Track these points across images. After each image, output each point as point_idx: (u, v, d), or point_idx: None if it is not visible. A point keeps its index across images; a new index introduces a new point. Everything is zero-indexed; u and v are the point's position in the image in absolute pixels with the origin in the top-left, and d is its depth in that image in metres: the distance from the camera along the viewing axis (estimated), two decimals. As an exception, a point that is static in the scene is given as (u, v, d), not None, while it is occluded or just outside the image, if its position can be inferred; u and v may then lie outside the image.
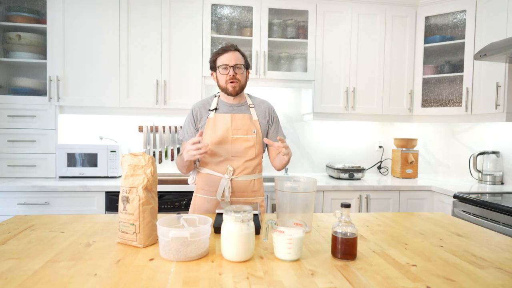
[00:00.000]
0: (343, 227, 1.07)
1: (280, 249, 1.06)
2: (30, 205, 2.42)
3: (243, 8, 2.91)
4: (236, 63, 1.67)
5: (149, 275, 0.95)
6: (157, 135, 3.04)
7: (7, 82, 2.77)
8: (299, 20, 2.98)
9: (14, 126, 2.65)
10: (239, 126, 1.70)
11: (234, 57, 1.67)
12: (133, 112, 2.79)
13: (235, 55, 1.68)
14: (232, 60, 1.67)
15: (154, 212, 1.22)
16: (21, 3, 2.77)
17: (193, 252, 1.05)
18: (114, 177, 2.75)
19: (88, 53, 2.70)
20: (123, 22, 2.71)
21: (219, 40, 2.89)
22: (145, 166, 1.19)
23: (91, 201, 2.47)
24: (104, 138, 3.00)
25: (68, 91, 2.69)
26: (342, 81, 2.97)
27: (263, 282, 0.91)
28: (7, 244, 1.16)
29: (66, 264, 1.01)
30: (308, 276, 0.95)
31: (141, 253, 1.11)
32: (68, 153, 2.68)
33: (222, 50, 1.69)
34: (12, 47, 2.68)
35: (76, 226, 1.39)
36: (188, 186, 2.53)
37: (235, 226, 1.05)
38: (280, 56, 3.03)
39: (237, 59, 1.68)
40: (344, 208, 1.09)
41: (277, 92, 3.24)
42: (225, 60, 1.67)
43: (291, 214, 1.32)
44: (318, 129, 3.30)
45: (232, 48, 1.69)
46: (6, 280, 0.90)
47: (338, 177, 2.95)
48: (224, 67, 1.67)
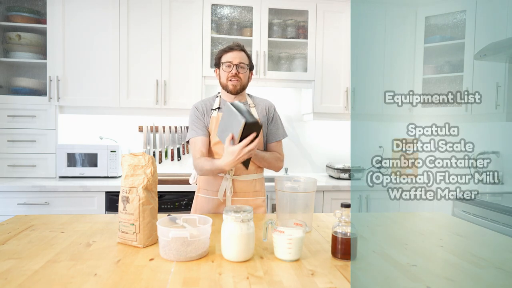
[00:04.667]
0: (343, 227, 1.07)
1: (280, 249, 1.06)
2: (30, 205, 2.42)
3: (243, 8, 2.91)
4: (240, 62, 1.69)
5: (149, 275, 0.95)
6: (157, 135, 3.04)
7: (7, 82, 2.77)
8: (299, 20, 2.98)
9: (14, 126, 2.65)
10: None
11: (238, 56, 1.70)
12: (133, 112, 2.79)
13: (240, 54, 1.70)
14: (237, 59, 1.69)
15: (154, 212, 1.22)
16: (21, 3, 2.77)
17: (193, 252, 1.05)
18: (114, 177, 2.75)
19: (88, 53, 2.70)
20: (123, 22, 2.71)
21: (219, 40, 2.89)
22: (145, 166, 1.19)
23: (91, 201, 2.47)
24: (104, 138, 3.00)
25: (68, 91, 2.69)
26: (342, 81, 2.97)
27: (263, 282, 0.91)
28: (7, 244, 1.16)
29: (66, 264, 1.01)
30: (308, 276, 0.95)
31: (141, 253, 1.11)
32: (68, 153, 2.68)
33: (229, 48, 1.71)
34: (12, 47, 2.68)
35: (76, 226, 1.39)
36: (188, 186, 2.52)
37: (235, 226, 1.05)
38: (280, 56, 3.03)
39: (242, 58, 1.70)
40: (344, 208, 1.09)
41: (277, 92, 3.24)
42: (230, 58, 1.69)
43: (291, 214, 1.32)
44: (318, 129, 3.30)
45: (238, 48, 1.71)
46: (6, 280, 0.90)
47: (338, 177, 2.95)
48: (227, 64, 1.68)
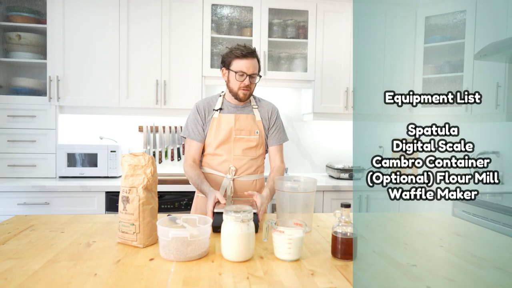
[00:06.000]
0: (343, 227, 1.07)
1: (280, 249, 1.06)
2: (30, 205, 2.42)
3: (243, 8, 2.91)
4: (253, 72, 1.65)
5: (149, 275, 0.95)
6: (157, 135, 3.04)
7: (7, 82, 2.77)
8: (299, 20, 2.98)
9: (14, 126, 2.65)
10: (242, 126, 1.71)
11: (252, 66, 1.64)
12: (133, 112, 2.79)
13: (253, 64, 1.65)
14: (250, 69, 1.64)
15: (154, 212, 1.22)
16: (21, 3, 2.76)
17: (193, 252, 1.05)
18: (114, 177, 2.75)
19: (88, 53, 2.70)
20: (123, 22, 2.71)
21: (219, 40, 2.89)
22: (145, 166, 1.19)
23: (91, 201, 2.47)
24: (104, 138, 3.00)
25: (68, 91, 2.69)
26: (342, 81, 2.97)
27: (263, 282, 0.91)
28: (7, 244, 1.16)
29: (66, 264, 1.01)
30: (308, 276, 0.95)
31: (141, 253, 1.11)
32: (68, 153, 2.68)
33: (243, 55, 1.62)
34: (12, 47, 2.68)
35: (76, 226, 1.39)
36: (188, 186, 2.53)
37: (235, 226, 1.05)
38: (280, 56, 3.03)
39: (255, 67, 1.66)
40: (344, 208, 1.09)
41: (277, 92, 3.23)
42: (244, 67, 1.63)
43: (291, 214, 1.32)
44: (318, 129, 3.30)
45: (252, 56, 1.65)
46: (6, 280, 0.90)
47: (338, 177, 2.95)
48: (240, 74, 1.64)
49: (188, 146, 1.75)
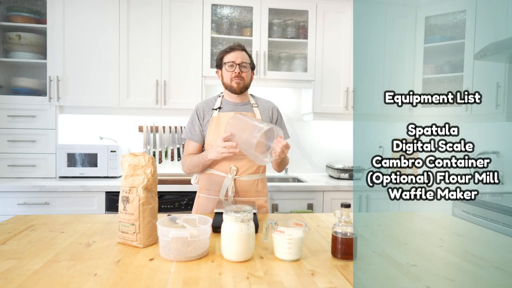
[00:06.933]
0: (343, 227, 1.07)
1: (280, 249, 1.06)
2: (30, 205, 2.42)
3: (243, 8, 2.91)
4: (242, 61, 1.70)
5: (149, 275, 0.95)
6: (157, 135, 3.04)
7: (7, 82, 2.77)
8: (299, 20, 2.98)
9: (14, 126, 2.65)
10: None
11: (240, 56, 1.71)
12: (133, 112, 2.79)
13: (241, 54, 1.72)
14: (239, 58, 1.70)
15: (154, 212, 1.22)
16: (21, 3, 2.77)
17: (193, 252, 1.05)
18: (114, 177, 2.75)
19: (88, 53, 2.70)
20: (123, 22, 2.71)
21: (219, 40, 2.89)
22: (145, 166, 1.19)
23: (91, 201, 2.47)
24: (104, 138, 3.00)
25: (68, 91, 2.69)
26: (342, 81, 2.97)
27: (263, 282, 0.91)
28: (7, 244, 1.16)
29: (66, 264, 1.01)
30: (308, 276, 0.95)
31: (141, 253, 1.11)
32: (68, 153, 2.68)
33: (230, 48, 1.73)
34: (12, 47, 2.68)
35: (76, 226, 1.39)
36: (189, 186, 2.53)
37: (235, 226, 1.05)
38: (280, 56, 3.03)
39: (243, 57, 1.72)
40: (344, 208, 1.09)
41: (277, 92, 3.23)
42: (232, 57, 1.71)
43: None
44: (318, 129, 3.30)
45: (240, 48, 1.73)
46: (6, 280, 0.90)
47: (338, 177, 2.95)
48: (230, 64, 1.70)
49: (186, 146, 1.80)
